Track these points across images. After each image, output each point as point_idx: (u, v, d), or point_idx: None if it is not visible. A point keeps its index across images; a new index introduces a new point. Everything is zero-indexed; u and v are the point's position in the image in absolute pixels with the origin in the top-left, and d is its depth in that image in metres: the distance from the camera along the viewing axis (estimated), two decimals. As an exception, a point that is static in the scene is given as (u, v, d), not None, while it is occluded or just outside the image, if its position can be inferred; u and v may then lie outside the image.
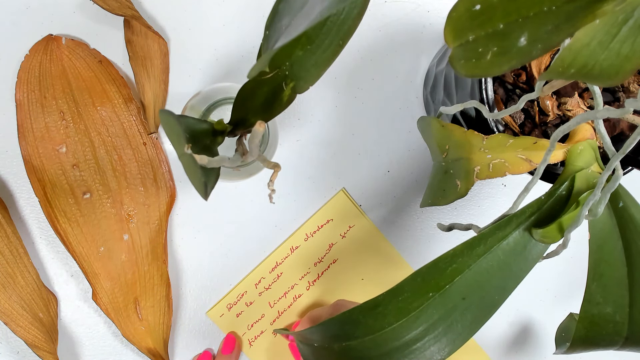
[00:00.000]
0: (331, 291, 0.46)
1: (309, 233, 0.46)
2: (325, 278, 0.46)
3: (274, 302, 0.46)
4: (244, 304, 0.45)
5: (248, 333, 0.45)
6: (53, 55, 0.42)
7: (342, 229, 0.46)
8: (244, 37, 0.45)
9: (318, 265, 0.46)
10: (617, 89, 0.37)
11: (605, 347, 0.29)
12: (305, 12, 0.22)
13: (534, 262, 0.28)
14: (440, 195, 0.34)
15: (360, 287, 0.47)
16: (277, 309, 0.46)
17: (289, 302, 0.46)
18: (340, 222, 0.46)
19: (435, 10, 0.46)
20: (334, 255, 0.46)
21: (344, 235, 0.46)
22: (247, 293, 0.45)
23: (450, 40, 0.22)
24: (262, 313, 0.46)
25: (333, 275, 0.46)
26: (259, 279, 0.45)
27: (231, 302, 0.45)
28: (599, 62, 0.17)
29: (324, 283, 0.46)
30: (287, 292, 0.46)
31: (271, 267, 0.46)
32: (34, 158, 0.41)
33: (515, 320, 0.49)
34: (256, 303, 0.45)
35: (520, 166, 0.29)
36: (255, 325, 0.46)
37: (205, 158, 0.23)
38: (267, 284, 0.45)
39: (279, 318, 0.46)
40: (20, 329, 0.41)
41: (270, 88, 0.26)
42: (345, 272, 0.46)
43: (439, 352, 0.26)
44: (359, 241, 0.46)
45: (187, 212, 0.44)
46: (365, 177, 0.46)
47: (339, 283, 0.46)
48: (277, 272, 0.46)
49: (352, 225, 0.46)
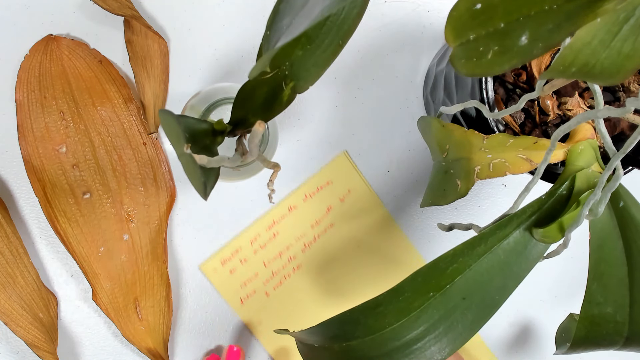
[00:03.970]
0: (326, 255, 0.46)
1: (307, 194, 0.45)
2: (322, 241, 0.46)
3: (269, 262, 0.45)
4: (238, 260, 0.45)
5: (240, 291, 0.45)
6: (53, 55, 0.42)
7: (341, 193, 0.46)
8: (244, 37, 0.45)
9: (315, 228, 0.46)
10: (618, 89, 0.37)
11: (606, 347, 0.29)
12: (306, 12, 0.22)
13: (535, 262, 0.28)
14: (440, 195, 0.34)
15: (355, 253, 0.46)
16: (271, 269, 0.45)
17: (283, 262, 0.45)
18: (340, 185, 0.46)
19: (435, 10, 0.46)
20: (332, 219, 0.46)
21: (342, 200, 0.46)
22: (241, 249, 0.45)
23: (451, 39, 0.22)
24: (256, 272, 0.45)
25: (329, 239, 0.46)
26: (255, 236, 0.45)
27: (225, 257, 0.45)
28: (600, 61, 0.17)
29: (319, 246, 0.46)
30: (282, 253, 0.45)
31: (268, 225, 0.45)
32: (34, 158, 0.41)
33: (516, 320, 0.49)
34: (250, 261, 0.45)
35: (520, 166, 0.29)
36: (249, 284, 0.45)
37: (205, 158, 0.23)
38: (262, 243, 0.45)
39: (272, 278, 0.45)
40: (20, 329, 0.41)
41: (270, 88, 0.26)
42: (342, 237, 0.46)
43: (439, 352, 0.26)
44: (357, 207, 0.46)
45: (187, 212, 0.44)
46: (366, 177, 0.46)
47: (334, 247, 0.46)
48: (274, 231, 0.45)
49: (351, 190, 0.46)
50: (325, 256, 0.46)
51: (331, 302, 0.46)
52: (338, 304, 0.47)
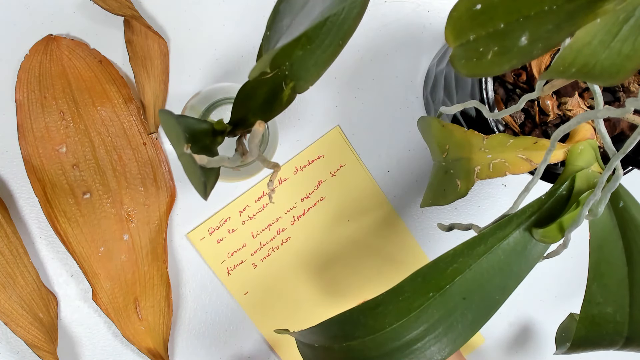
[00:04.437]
0: (316, 228, 0.46)
1: (298, 166, 0.45)
2: (311, 215, 0.45)
3: (257, 233, 0.45)
4: (226, 230, 0.44)
5: (227, 261, 0.45)
6: (53, 55, 0.42)
7: (333, 167, 0.45)
8: (244, 37, 0.45)
9: (305, 201, 0.45)
10: (618, 89, 0.37)
11: (606, 347, 0.29)
12: (306, 12, 0.22)
13: (535, 262, 0.28)
14: (440, 195, 0.34)
15: (345, 228, 0.46)
16: (260, 241, 0.45)
17: (272, 234, 0.45)
18: (332, 159, 0.45)
19: (435, 10, 0.46)
20: (322, 193, 0.45)
21: (334, 174, 0.45)
22: (230, 219, 0.44)
23: (451, 39, 0.22)
24: (244, 242, 0.45)
25: (319, 212, 0.46)
26: (244, 206, 0.44)
27: (213, 226, 0.44)
28: (600, 61, 0.17)
29: (309, 220, 0.45)
30: (271, 225, 0.45)
31: (257, 196, 0.45)
32: (34, 158, 0.41)
33: (516, 320, 0.49)
34: (239, 231, 0.45)
35: (520, 166, 0.29)
36: (236, 254, 0.45)
37: (205, 158, 0.23)
38: (251, 213, 0.44)
39: (260, 250, 0.45)
40: (20, 329, 0.41)
41: (270, 88, 0.26)
42: (332, 212, 0.46)
43: (439, 352, 0.26)
44: (348, 181, 0.46)
45: (187, 212, 0.44)
46: (366, 177, 0.46)
47: (324, 221, 0.46)
48: (263, 202, 0.45)
49: (343, 165, 0.45)
50: (315, 229, 0.46)
51: (322, 291, 0.46)
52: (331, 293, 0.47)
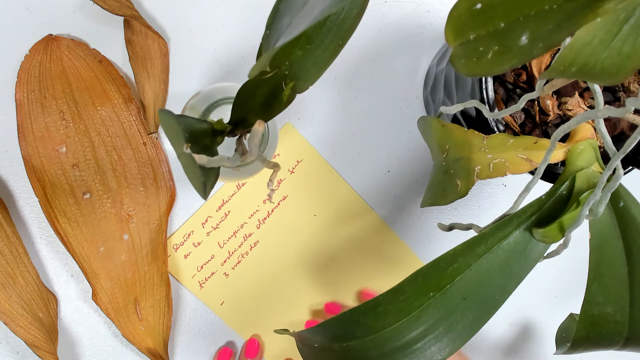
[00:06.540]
0: (283, 228, 0.45)
1: None
2: (276, 215, 0.45)
3: (224, 242, 0.45)
4: (191, 244, 0.44)
5: (198, 275, 0.44)
6: (53, 55, 0.42)
7: (290, 164, 0.45)
8: (244, 37, 0.45)
9: (267, 203, 0.45)
10: (618, 89, 0.37)
11: (606, 347, 0.29)
12: (306, 11, 0.22)
13: (535, 262, 0.28)
14: (440, 195, 0.34)
15: (312, 223, 0.46)
16: (227, 249, 0.45)
17: (239, 241, 0.45)
18: (288, 157, 0.45)
19: (435, 10, 0.46)
20: (284, 192, 0.45)
21: (292, 171, 0.45)
22: (193, 233, 0.44)
23: (451, 39, 0.22)
24: (212, 254, 0.45)
25: (284, 212, 0.45)
26: (206, 217, 0.44)
27: (177, 242, 0.44)
28: (600, 61, 0.17)
29: (275, 220, 0.45)
30: (236, 232, 0.45)
31: (217, 205, 0.44)
32: (34, 158, 0.41)
33: (516, 320, 0.49)
34: (204, 243, 0.44)
35: (520, 166, 0.29)
36: (205, 266, 0.44)
37: (205, 158, 0.23)
38: (214, 223, 0.44)
39: (229, 258, 0.45)
40: (20, 329, 0.41)
41: (270, 88, 0.26)
42: (297, 209, 0.46)
43: (439, 352, 0.26)
44: (308, 176, 0.45)
45: (187, 212, 0.44)
46: (365, 177, 0.46)
47: (290, 220, 0.45)
48: (225, 211, 0.44)
49: (300, 160, 0.45)
50: (282, 228, 0.45)
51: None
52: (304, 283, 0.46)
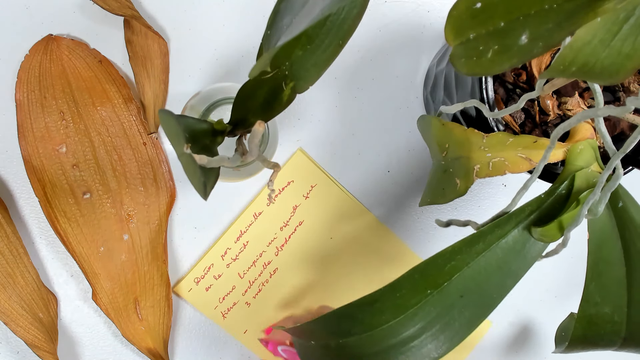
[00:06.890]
0: (301, 253, 0.46)
1: (271, 197, 0.45)
2: (293, 241, 0.45)
3: (244, 273, 0.45)
4: (212, 277, 0.44)
5: (220, 306, 0.45)
6: (53, 55, 0.42)
7: (304, 190, 0.45)
8: (244, 37, 0.45)
9: (284, 229, 0.45)
10: (618, 89, 0.37)
11: (604, 347, 0.29)
12: (306, 11, 0.22)
13: (533, 261, 0.28)
14: (439, 194, 0.34)
15: (329, 246, 0.46)
16: (248, 279, 0.45)
17: (259, 270, 0.45)
18: (302, 182, 0.45)
19: (435, 10, 0.46)
20: (300, 217, 0.45)
21: (307, 196, 0.45)
22: (214, 266, 0.44)
23: (450, 38, 0.22)
24: (233, 285, 0.45)
25: (301, 237, 0.46)
26: (225, 250, 0.44)
27: (198, 276, 0.44)
28: (600, 60, 0.17)
29: (292, 246, 0.45)
30: (255, 261, 0.45)
31: (236, 236, 0.45)
32: (34, 158, 0.41)
33: (515, 320, 0.49)
34: (225, 275, 0.45)
35: (520, 165, 0.29)
36: (227, 297, 0.45)
37: (205, 158, 0.23)
38: (233, 255, 0.45)
39: (250, 288, 0.45)
40: (20, 329, 0.41)
41: (270, 88, 0.26)
42: (313, 233, 0.46)
43: (436, 350, 0.26)
44: (323, 200, 0.46)
45: (187, 212, 0.44)
46: (365, 177, 0.46)
47: (307, 245, 0.46)
48: (243, 241, 0.45)
49: (314, 185, 0.45)
50: (301, 254, 0.46)
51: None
52: None
